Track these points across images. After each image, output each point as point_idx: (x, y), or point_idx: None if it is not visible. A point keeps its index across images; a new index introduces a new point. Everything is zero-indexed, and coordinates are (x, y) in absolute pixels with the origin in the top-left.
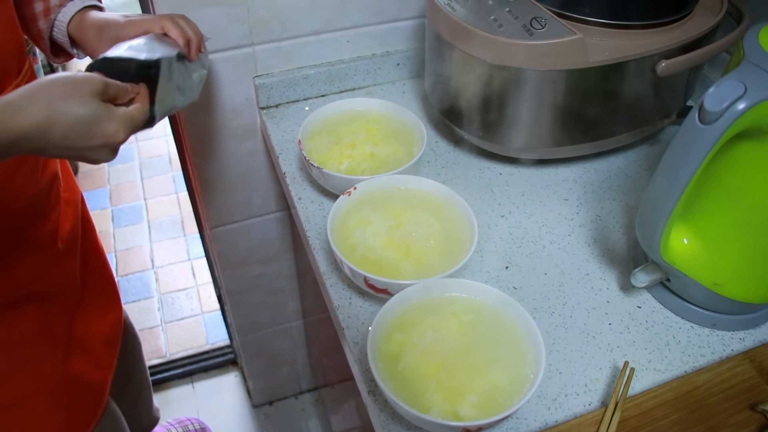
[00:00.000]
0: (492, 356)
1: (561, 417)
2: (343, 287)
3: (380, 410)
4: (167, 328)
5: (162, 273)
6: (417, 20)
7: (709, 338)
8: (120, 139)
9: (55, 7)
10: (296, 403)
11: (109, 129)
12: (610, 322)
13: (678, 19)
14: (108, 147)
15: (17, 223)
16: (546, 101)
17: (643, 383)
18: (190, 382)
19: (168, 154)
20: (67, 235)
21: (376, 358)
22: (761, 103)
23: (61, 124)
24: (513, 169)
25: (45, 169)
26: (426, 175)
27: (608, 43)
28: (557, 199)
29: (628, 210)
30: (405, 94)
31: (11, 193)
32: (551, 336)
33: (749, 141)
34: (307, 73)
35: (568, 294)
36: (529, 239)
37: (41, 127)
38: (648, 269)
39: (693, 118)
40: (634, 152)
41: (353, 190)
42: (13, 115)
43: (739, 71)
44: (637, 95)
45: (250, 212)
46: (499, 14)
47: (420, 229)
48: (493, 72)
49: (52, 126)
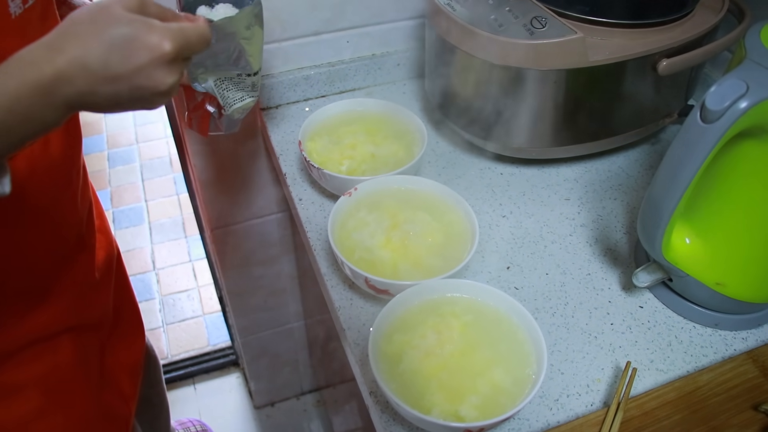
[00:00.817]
0: (493, 357)
1: (563, 417)
2: (344, 288)
3: (381, 411)
4: (168, 329)
5: (163, 274)
6: (417, 20)
7: (711, 338)
8: (167, 48)
9: None
10: (298, 404)
11: (151, 39)
12: (612, 322)
13: (679, 18)
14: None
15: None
16: (547, 101)
17: (645, 383)
18: (192, 384)
19: (168, 155)
20: (102, 264)
21: (377, 359)
22: (763, 101)
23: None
24: (514, 169)
25: (84, 195)
26: (427, 175)
27: (609, 42)
28: (558, 198)
29: (630, 209)
30: (405, 94)
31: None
32: (553, 336)
33: (751, 140)
34: (307, 73)
35: (570, 294)
36: (530, 239)
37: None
38: (650, 269)
39: (694, 117)
40: (635, 151)
41: (354, 191)
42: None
43: (740, 70)
44: (638, 94)
45: (251, 213)
46: (500, 14)
47: (420, 230)
48: (494, 72)
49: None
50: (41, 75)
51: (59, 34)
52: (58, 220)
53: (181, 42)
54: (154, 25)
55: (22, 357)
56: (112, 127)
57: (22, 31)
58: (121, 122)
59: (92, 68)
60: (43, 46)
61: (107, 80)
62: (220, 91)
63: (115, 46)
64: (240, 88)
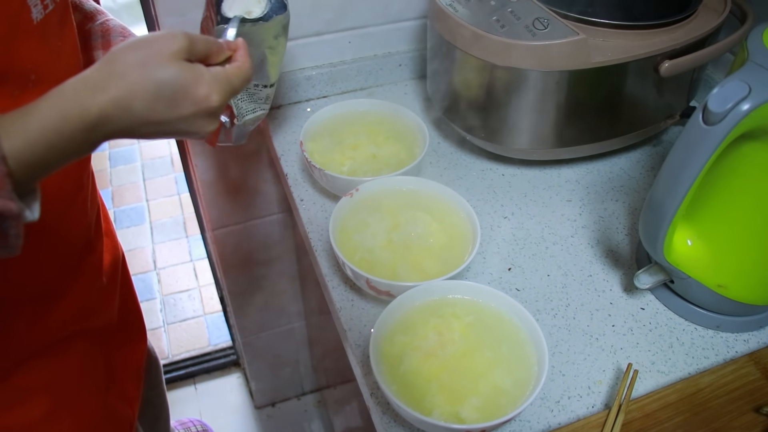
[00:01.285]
0: (495, 358)
1: (564, 419)
2: (345, 289)
3: (382, 412)
4: (169, 329)
5: (164, 274)
6: (419, 21)
7: (713, 340)
8: (214, 103)
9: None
10: (298, 404)
11: (199, 92)
12: (613, 323)
13: (681, 20)
14: (202, 114)
15: (71, 257)
16: (548, 102)
17: (646, 385)
18: (193, 384)
19: (170, 155)
20: (109, 268)
21: (379, 361)
22: (766, 103)
23: (143, 94)
24: (515, 170)
25: (93, 198)
26: (428, 176)
27: (611, 43)
28: (560, 200)
29: (632, 211)
30: (407, 95)
31: (69, 224)
32: (554, 338)
33: (754, 142)
34: (309, 74)
35: (571, 296)
36: (531, 241)
37: (121, 102)
38: (651, 271)
39: (697, 119)
40: (637, 153)
41: (355, 192)
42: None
43: (743, 71)
44: (640, 96)
45: (252, 214)
46: (502, 15)
47: (422, 231)
48: (496, 73)
49: (133, 99)
50: (84, 113)
51: (105, 73)
52: (70, 224)
53: (228, 93)
54: (202, 76)
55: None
56: None
57: (42, 35)
58: None
59: (136, 112)
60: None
61: (150, 124)
62: (234, 100)
63: (162, 94)
64: (253, 100)
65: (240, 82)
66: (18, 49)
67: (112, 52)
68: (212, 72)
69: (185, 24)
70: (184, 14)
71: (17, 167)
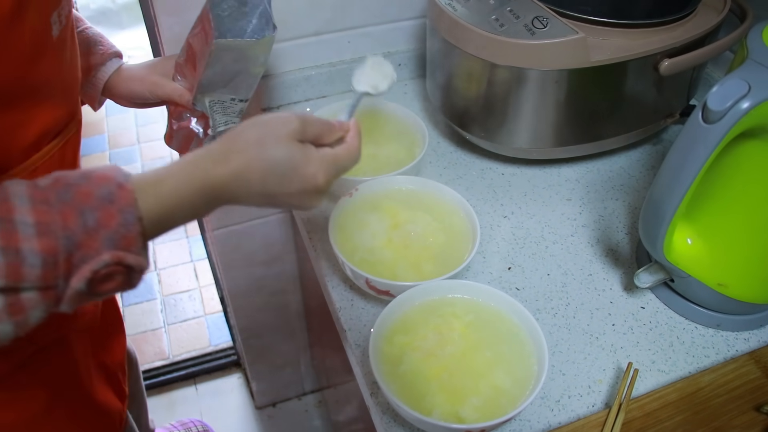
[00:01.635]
0: (495, 358)
1: (564, 419)
2: (345, 289)
3: (383, 412)
4: (170, 330)
5: (165, 275)
6: (418, 20)
7: (713, 339)
8: (319, 182)
9: (97, 65)
10: (299, 404)
11: (307, 171)
12: (613, 323)
13: (681, 18)
14: (309, 191)
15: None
16: (548, 101)
17: (647, 384)
18: (193, 384)
19: (170, 155)
20: None
21: (378, 361)
22: (765, 102)
23: (258, 169)
24: (515, 170)
25: None
26: (428, 176)
27: (610, 42)
28: (560, 199)
29: (631, 210)
30: (407, 94)
31: None
32: (554, 337)
33: (753, 140)
34: (309, 74)
35: (571, 295)
36: (531, 240)
37: (240, 174)
38: (651, 269)
39: (696, 118)
40: (637, 152)
41: (354, 192)
42: (214, 166)
43: (742, 70)
44: (639, 94)
45: (252, 214)
46: (501, 14)
47: (421, 231)
48: (495, 72)
49: (250, 172)
50: (208, 182)
51: (227, 148)
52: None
53: (334, 173)
54: (311, 157)
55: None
56: (113, 127)
57: (59, 50)
58: (122, 122)
59: (252, 184)
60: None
61: (262, 196)
62: (211, 112)
63: (275, 170)
64: (228, 113)
65: (347, 163)
66: (40, 66)
67: (234, 131)
68: (321, 153)
69: (182, 24)
70: (182, 14)
71: (148, 227)
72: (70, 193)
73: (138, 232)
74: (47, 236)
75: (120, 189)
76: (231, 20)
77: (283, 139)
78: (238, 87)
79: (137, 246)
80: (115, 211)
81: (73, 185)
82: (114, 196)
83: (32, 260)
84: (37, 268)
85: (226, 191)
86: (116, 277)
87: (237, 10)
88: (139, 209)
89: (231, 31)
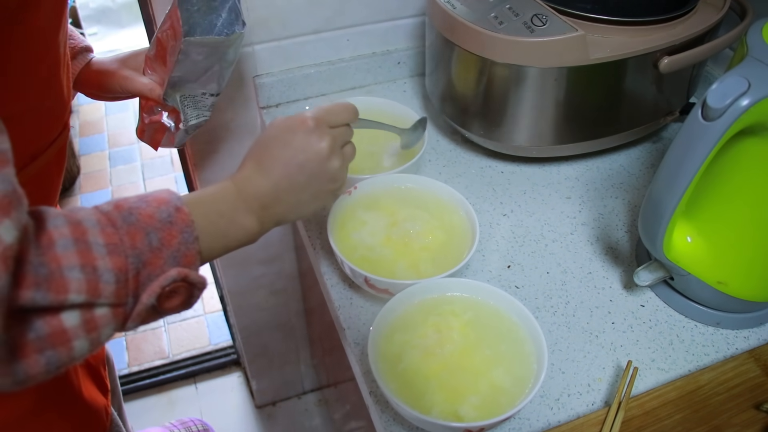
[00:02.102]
0: (494, 356)
1: (564, 417)
2: (344, 287)
3: (382, 411)
4: (170, 329)
5: None
6: (417, 18)
7: (713, 337)
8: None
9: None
10: (299, 403)
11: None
12: (613, 321)
13: (680, 15)
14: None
15: None
16: (547, 99)
17: (646, 383)
18: (193, 383)
19: (169, 154)
20: None
21: (377, 359)
22: (765, 99)
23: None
24: (515, 168)
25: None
26: (427, 173)
27: (610, 39)
28: (559, 197)
29: (631, 208)
30: (406, 92)
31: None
32: (554, 335)
33: (753, 137)
34: (308, 72)
35: (571, 293)
36: (531, 238)
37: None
38: (651, 267)
39: (696, 115)
40: (636, 150)
41: (353, 190)
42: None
43: (742, 67)
44: (639, 92)
45: None
46: (500, 11)
47: (420, 229)
48: (494, 70)
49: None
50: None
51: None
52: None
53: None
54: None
55: None
56: (113, 126)
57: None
58: (122, 122)
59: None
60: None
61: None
62: (182, 107)
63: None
64: (198, 107)
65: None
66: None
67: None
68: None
69: None
70: None
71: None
72: (134, 216)
73: (197, 251)
74: (117, 255)
75: (177, 211)
76: (200, 15)
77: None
78: (209, 82)
79: (196, 264)
80: (176, 232)
81: (135, 209)
82: (173, 218)
83: (107, 277)
84: (112, 285)
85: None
86: (180, 294)
87: (206, 4)
88: (195, 229)
89: (200, 26)
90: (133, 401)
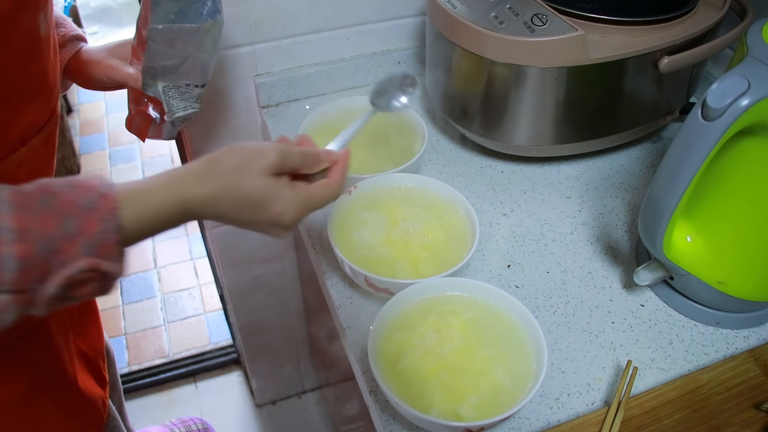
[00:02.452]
0: (494, 356)
1: (563, 416)
2: (344, 287)
3: (381, 410)
4: (170, 327)
5: (164, 273)
6: (418, 18)
7: (713, 336)
8: (286, 221)
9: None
10: (299, 402)
11: (275, 209)
12: (612, 320)
13: (680, 15)
14: (276, 226)
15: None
16: (547, 98)
17: (646, 382)
18: (193, 382)
19: (170, 153)
20: None
21: (377, 359)
22: (765, 99)
23: (230, 198)
24: (515, 167)
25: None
26: (427, 173)
27: (610, 39)
28: (559, 197)
29: (631, 207)
30: None
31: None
32: (553, 335)
33: (753, 137)
34: (308, 71)
35: (571, 292)
36: (531, 237)
37: (212, 199)
38: (651, 267)
39: (696, 115)
40: (636, 149)
41: (353, 189)
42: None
43: (742, 67)
44: (639, 92)
45: None
46: (500, 11)
47: (421, 228)
48: (494, 69)
49: (222, 199)
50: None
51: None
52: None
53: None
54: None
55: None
56: (113, 125)
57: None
58: (122, 121)
59: (223, 210)
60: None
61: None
62: (166, 98)
63: (244, 202)
64: (185, 98)
65: (320, 202)
66: (32, 64)
67: (219, 153)
68: (294, 191)
69: None
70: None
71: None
72: (53, 201)
73: (116, 240)
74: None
75: (102, 198)
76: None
77: (257, 173)
78: (190, 72)
79: (115, 254)
80: (97, 219)
81: (57, 193)
82: (96, 205)
83: (9, 264)
84: (12, 272)
85: (200, 211)
86: (91, 283)
87: None
88: (120, 218)
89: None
90: (134, 400)
